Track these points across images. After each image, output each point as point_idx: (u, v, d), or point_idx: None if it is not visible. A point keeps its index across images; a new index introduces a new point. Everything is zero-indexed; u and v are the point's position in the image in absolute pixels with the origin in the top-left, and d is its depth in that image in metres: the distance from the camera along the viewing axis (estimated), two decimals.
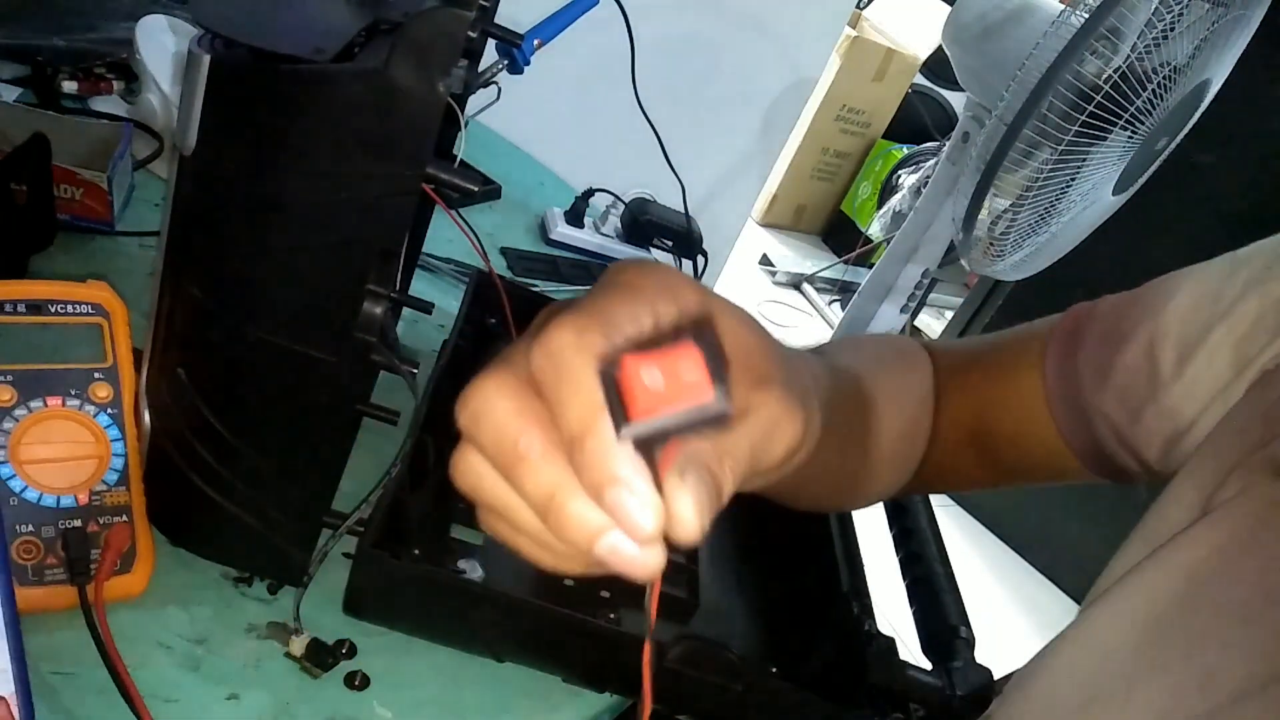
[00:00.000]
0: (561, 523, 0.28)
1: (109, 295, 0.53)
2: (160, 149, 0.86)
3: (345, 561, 0.52)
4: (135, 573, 0.50)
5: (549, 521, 0.28)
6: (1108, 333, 0.53)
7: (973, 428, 0.59)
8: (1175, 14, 1.02)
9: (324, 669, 0.52)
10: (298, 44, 0.41)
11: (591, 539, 0.28)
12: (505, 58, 0.93)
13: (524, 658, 0.55)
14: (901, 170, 3.16)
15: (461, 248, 0.93)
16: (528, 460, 0.28)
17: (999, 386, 0.58)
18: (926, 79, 3.33)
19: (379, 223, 0.44)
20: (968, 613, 0.61)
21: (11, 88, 0.87)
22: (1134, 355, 0.51)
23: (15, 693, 0.42)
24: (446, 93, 0.41)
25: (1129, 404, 0.51)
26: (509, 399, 0.28)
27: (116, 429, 0.51)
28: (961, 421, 0.59)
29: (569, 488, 0.28)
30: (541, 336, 0.28)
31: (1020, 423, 0.56)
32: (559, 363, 0.27)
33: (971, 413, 0.59)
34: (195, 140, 0.44)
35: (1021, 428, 0.56)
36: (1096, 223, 1.34)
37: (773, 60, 1.73)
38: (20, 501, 0.48)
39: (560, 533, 0.28)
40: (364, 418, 0.57)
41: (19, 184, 0.67)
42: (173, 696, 0.48)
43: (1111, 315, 0.53)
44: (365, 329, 0.46)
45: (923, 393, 0.59)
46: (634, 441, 0.26)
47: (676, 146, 1.18)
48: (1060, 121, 1.08)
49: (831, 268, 3.25)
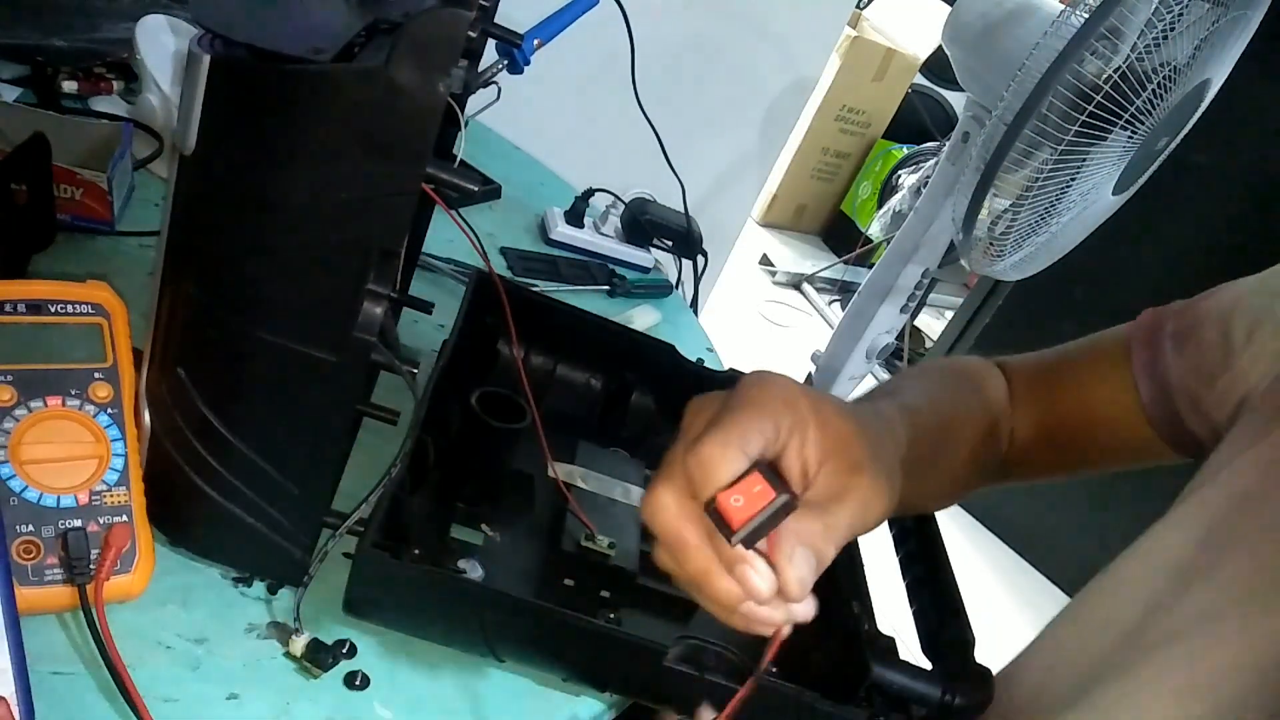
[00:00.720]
0: (710, 592, 0.41)
1: (109, 295, 0.53)
2: (160, 149, 0.86)
3: (345, 561, 0.52)
4: (135, 573, 0.50)
5: (703, 591, 0.42)
6: (1185, 320, 0.61)
7: (1051, 425, 0.67)
8: (1175, 14, 1.02)
9: (324, 669, 0.52)
10: (298, 44, 0.41)
11: (730, 603, 0.41)
12: (505, 58, 0.93)
13: (524, 658, 0.55)
14: (901, 170, 3.16)
15: (462, 248, 0.93)
16: (687, 549, 0.41)
17: (1085, 380, 0.66)
18: (926, 79, 3.33)
19: (379, 223, 0.44)
20: (967, 612, 0.61)
21: (11, 88, 0.87)
22: (1210, 332, 0.59)
23: (15, 693, 0.42)
24: (446, 93, 0.41)
25: (1205, 372, 0.58)
26: (672, 502, 0.41)
27: (116, 429, 0.51)
28: (1041, 422, 0.67)
29: (715, 569, 0.41)
30: (694, 451, 0.40)
31: (1108, 405, 0.64)
32: (707, 473, 0.40)
33: (1050, 412, 0.67)
34: (195, 140, 0.44)
35: (1109, 411, 0.64)
36: (1096, 223, 1.34)
37: (773, 60, 1.73)
38: (20, 501, 0.48)
39: (709, 597, 0.42)
40: (364, 418, 0.57)
41: (19, 184, 0.67)
42: (173, 696, 0.48)
43: (1187, 310, 0.62)
44: (365, 329, 0.46)
45: (995, 404, 0.67)
46: (743, 541, 0.39)
47: (676, 146, 1.18)
48: (1060, 121, 1.07)
49: (831, 268, 3.25)
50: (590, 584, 0.61)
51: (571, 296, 0.99)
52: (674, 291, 1.11)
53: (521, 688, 0.56)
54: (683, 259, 1.14)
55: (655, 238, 1.13)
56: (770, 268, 3.26)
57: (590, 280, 1.04)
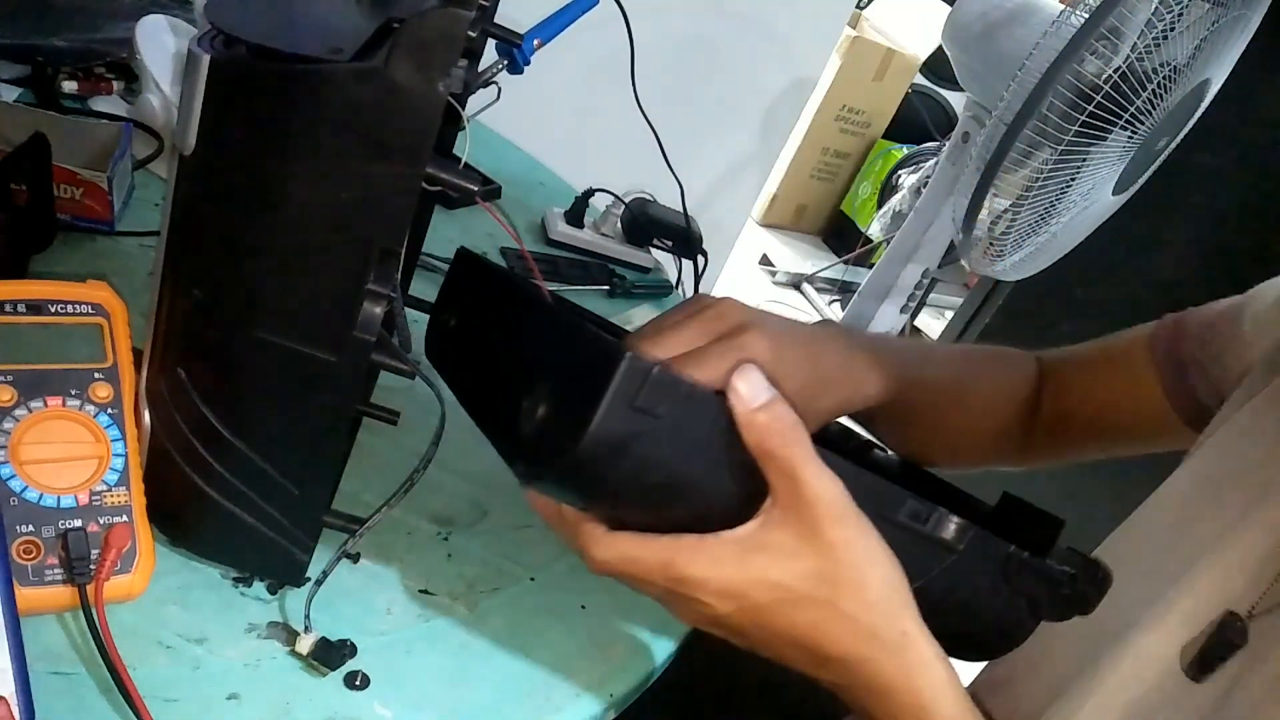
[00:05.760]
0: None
1: (109, 295, 0.53)
2: (160, 149, 0.86)
3: (341, 563, 0.52)
4: (135, 573, 0.50)
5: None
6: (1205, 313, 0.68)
7: (1075, 409, 0.73)
8: (1175, 14, 1.02)
9: (331, 668, 0.52)
10: (314, 44, 0.41)
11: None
12: (505, 58, 0.93)
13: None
14: (901, 170, 3.16)
15: None
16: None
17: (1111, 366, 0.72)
18: (926, 79, 3.33)
19: (379, 223, 0.44)
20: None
21: (11, 88, 0.87)
22: (1224, 319, 0.66)
23: (15, 693, 0.42)
24: (446, 92, 0.41)
25: (1215, 350, 0.65)
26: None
27: (116, 429, 0.51)
28: (1069, 408, 0.73)
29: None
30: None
31: (1130, 384, 0.70)
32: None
33: (1079, 397, 0.73)
34: (195, 140, 0.44)
35: (1131, 390, 0.70)
36: (1096, 223, 1.34)
37: (773, 60, 1.73)
38: (20, 501, 0.48)
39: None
40: (364, 418, 0.57)
41: (19, 184, 0.67)
42: (173, 696, 0.48)
43: (1205, 309, 0.69)
44: (365, 329, 0.46)
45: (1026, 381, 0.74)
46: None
47: (676, 146, 1.18)
48: (1060, 121, 1.08)
49: (831, 268, 3.25)
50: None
51: (571, 296, 0.99)
52: (674, 292, 1.11)
53: (522, 688, 0.56)
54: (683, 259, 1.14)
55: (655, 238, 1.13)
56: (770, 268, 3.26)
57: (590, 280, 1.04)
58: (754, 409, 0.43)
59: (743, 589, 0.45)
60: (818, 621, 0.46)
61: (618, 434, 0.41)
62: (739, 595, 0.45)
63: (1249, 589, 0.51)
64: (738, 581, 0.45)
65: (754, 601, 0.45)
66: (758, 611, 0.46)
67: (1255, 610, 0.50)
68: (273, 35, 0.42)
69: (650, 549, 0.45)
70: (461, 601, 0.59)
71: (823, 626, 0.46)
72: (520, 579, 0.63)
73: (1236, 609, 0.50)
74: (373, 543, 0.58)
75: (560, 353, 0.47)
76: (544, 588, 0.63)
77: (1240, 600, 0.51)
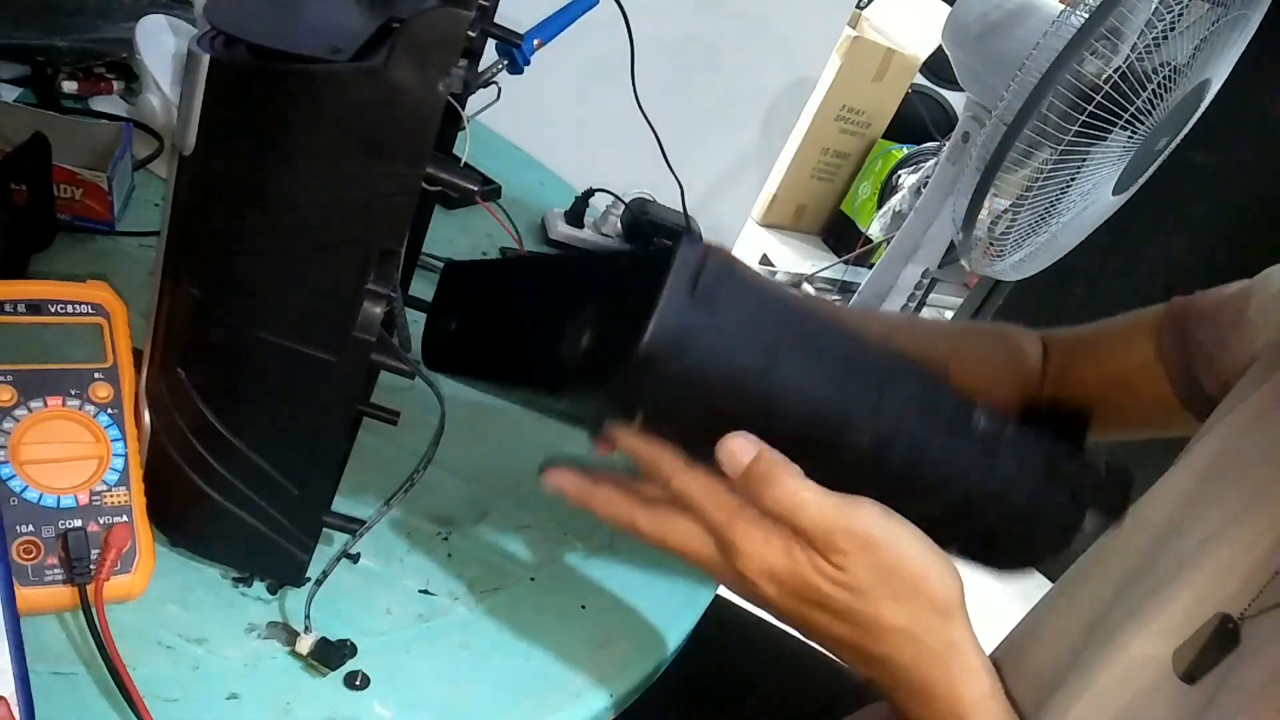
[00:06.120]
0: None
1: (109, 295, 0.53)
2: (160, 149, 0.86)
3: (341, 563, 0.52)
4: (135, 573, 0.50)
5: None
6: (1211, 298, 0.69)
7: (1077, 388, 0.74)
8: (1175, 14, 1.02)
9: (332, 667, 0.52)
10: (314, 44, 0.41)
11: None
12: (505, 58, 0.93)
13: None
14: (901, 170, 3.15)
15: (462, 248, 0.93)
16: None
17: (1117, 345, 0.73)
18: (926, 79, 3.32)
19: (379, 223, 0.44)
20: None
21: (11, 88, 0.87)
22: (1229, 309, 0.66)
23: (15, 693, 0.42)
24: (446, 93, 0.41)
25: (1220, 335, 0.66)
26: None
27: (116, 429, 0.51)
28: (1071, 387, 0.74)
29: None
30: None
31: (1135, 369, 0.70)
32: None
33: (1082, 376, 0.74)
34: (195, 140, 0.44)
35: (1135, 374, 0.71)
36: (1096, 223, 1.34)
37: (773, 60, 1.73)
38: (20, 501, 0.48)
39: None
40: (364, 418, 0.57)
41: (19, 184, 0.67)
42: (173, 696, 0.48)
43: (1212, 294, 0.69)
44: (365, 329, 0.46)
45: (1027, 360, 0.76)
46: None
47: (676, 146, 1.18)
48: (1060, 121, 1.08)
49: (831, 268, 3.25)
50: None
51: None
52: None
53: (522, 688, 0.56)
54: None
55: (655, 238, 1.13)
56: (770, 268, 3.26)
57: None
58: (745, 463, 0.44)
59: (786, 580, 0.46)
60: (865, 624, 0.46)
61: (680, 327, 0.39)
62: (780, 582, 0.46)
63: (1243, 590, 0.50)
64: (781, 570, 0.45)
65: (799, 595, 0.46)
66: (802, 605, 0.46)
67: (1248, 612, 0.50)
68: (273, 35, 0.42)
69: (716, 500, 0.45)
70: (461, 601, 0.59)
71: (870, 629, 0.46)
72: (520, 579, 0.63)
73: (1230, 610, 0.50)
74: (373, 543, 0.58)
75: (601, 283, 0.47)
76: (544, 588, 0.63)
77: (1233, 601, 0.50)
